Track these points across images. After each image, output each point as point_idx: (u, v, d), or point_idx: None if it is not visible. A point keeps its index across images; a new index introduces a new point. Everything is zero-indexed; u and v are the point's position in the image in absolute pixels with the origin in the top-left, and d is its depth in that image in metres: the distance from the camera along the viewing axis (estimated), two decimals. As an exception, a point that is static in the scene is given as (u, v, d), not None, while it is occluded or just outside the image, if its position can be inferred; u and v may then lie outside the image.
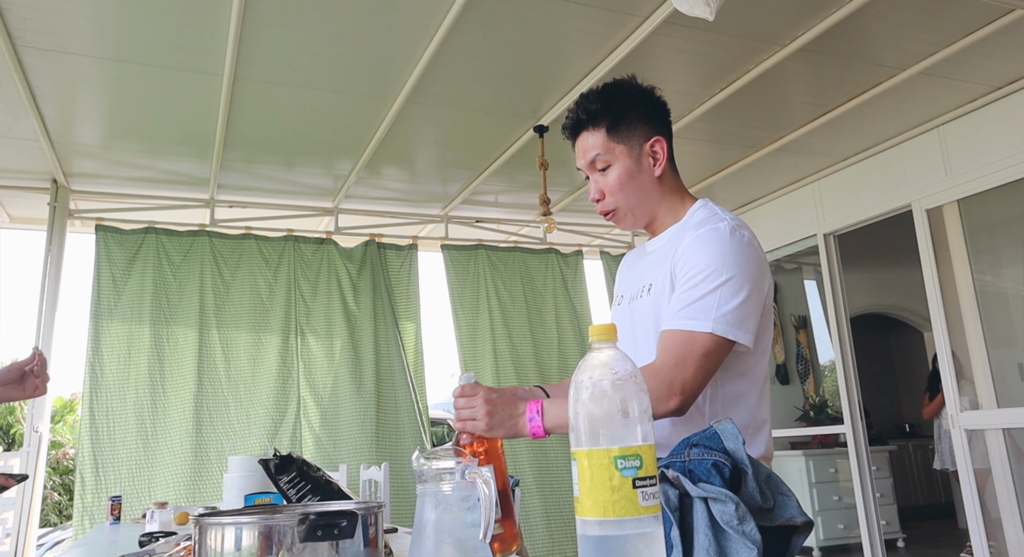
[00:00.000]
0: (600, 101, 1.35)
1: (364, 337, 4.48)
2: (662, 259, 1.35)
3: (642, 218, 1.40)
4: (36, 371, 1.84)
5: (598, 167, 1.36)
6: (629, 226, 1.42)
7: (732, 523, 0.90)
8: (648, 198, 1.37)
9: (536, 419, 1.19)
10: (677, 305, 1.23)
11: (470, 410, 1.18)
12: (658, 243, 1.41)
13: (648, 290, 1.34)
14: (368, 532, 0.89)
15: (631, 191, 1.36)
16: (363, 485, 3.19)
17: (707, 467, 0.99)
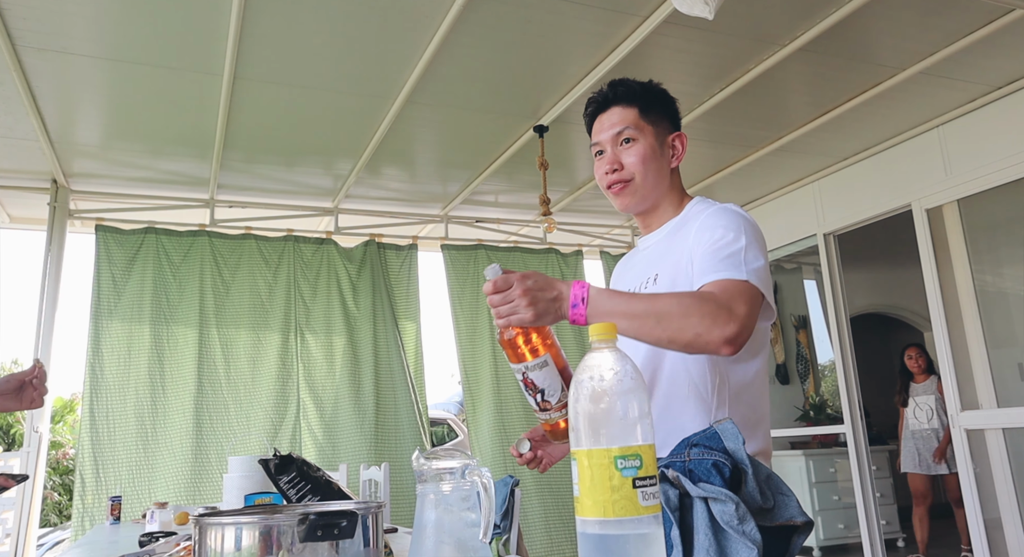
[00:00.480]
0: (636, 85, 1.40)
1: (364, 338, 4.48)
2: (665, 250, 1.36)
3: (648, 199, 1.40)
4: (35, 384, 1.83)
5: (622, 139, 1.37)
6: (631, 204, 1.41)
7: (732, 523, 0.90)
8: (660, 183, 1.39)
9: (580, 307, 1.09)
10: (707, 262, 1.22)
11: (509, 305, 1.08)
12: (655, 237, 1.43)
13: (654, 280, 1.34)
14: (368, 532, 0.89)
15: (650, 169, 1.37)
16: (363, 485, 3.19)
17: (707, 467, 0.99)
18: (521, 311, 1.07)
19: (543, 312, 1.08)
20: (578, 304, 1.09)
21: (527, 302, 1.07)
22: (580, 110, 3.78)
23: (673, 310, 1.11)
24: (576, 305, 1.09)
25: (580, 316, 1.09)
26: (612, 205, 1.47)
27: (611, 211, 5.08)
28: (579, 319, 1.10)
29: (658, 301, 1.13)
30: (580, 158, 4.18)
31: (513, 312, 1.08)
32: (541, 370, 1.08)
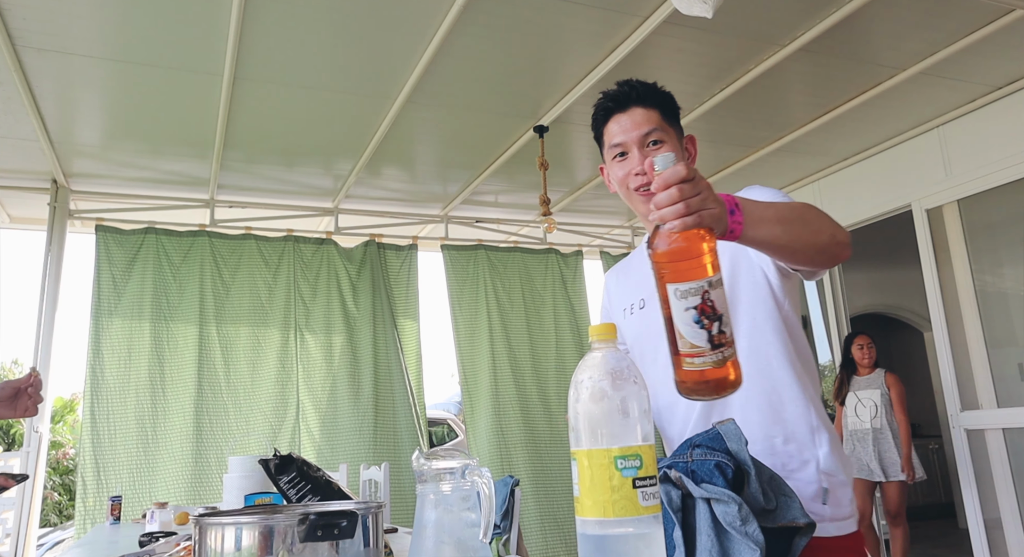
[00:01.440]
0: (654, 88, 1.37)
1: (363, 338, 4.48)
2: None
3: None
4: (31, 392, 1.82)
5: (650, 140, 1.33)
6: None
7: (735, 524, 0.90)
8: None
9: (737, 213, 0.94)
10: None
11: (699, 196, 0.86)
12: None
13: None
14: (368, 532, 0.89)
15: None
16: (363, 485, 3.19)
17: (710, 468, 0.99)
18: (711, 204, 0.87)
19: (724, 213, 0.91)
20: (735, 210, 0.94)
21: (714, 194, 0.89)
22: (580, 110, 3.78)
23: (807, 213, 1.07)
24: (733, 211, 0.93)
25: (738, 224, 0.94)
26: (614, 206, 1.44)
27: (611, 211, 5.08)
28: (736, 228, 0.94)
29: (793, 207, 1.07)
30: (580, 158, 4.18)
31: (704, 205, 0.86)
32: (720, 288, 0.86)
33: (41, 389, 1.85)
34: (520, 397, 4.70)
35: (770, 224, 0.99)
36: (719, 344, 0.85)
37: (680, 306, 0.85)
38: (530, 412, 4.69)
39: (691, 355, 0.86)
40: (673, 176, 0.85)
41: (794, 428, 1.22)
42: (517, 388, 4.70)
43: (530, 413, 4.69)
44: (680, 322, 0.86)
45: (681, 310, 0.85)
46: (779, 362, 1.25)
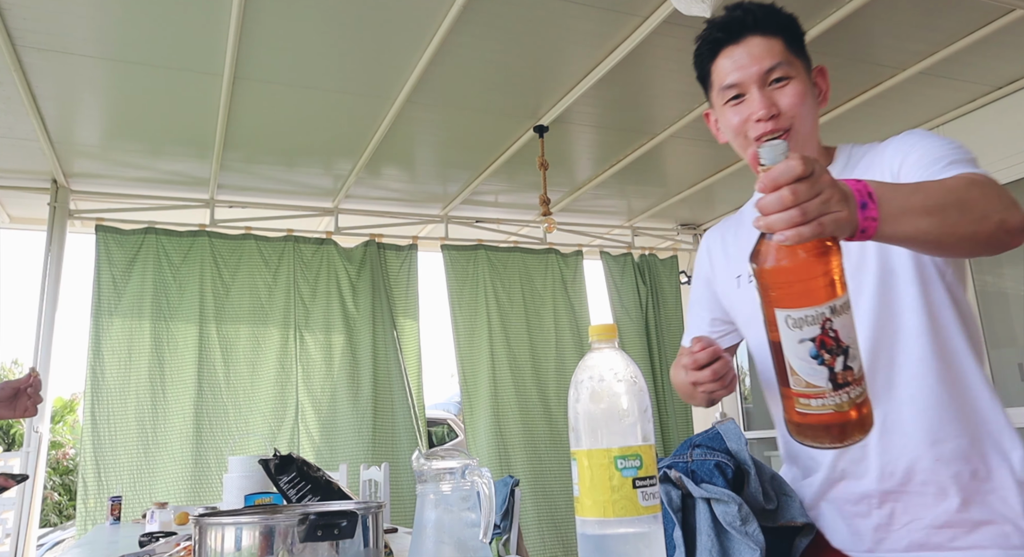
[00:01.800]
0: (773, 9, 1.17)
1: (363, 340, 4.47)
2: None
3: (807, 150, 1.13)
4: (30, 393, 1.83)
5: (773, 78, 1.10)
6: None
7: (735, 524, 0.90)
8: (814, 130, 1.13)
9: (870, 207, 0.74)
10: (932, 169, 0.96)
11: (819, 199, 0.68)
12: None
13: None
14: (368, 532, 0.89)
15: (808, 113, 1.11)
16: (363, 485, 3.19)
17: (710, 468, 0.99)
18: (835, 207, 0.69)
19: (852, 213, 0.72)
20: (867, 203, 0.73)
21: (840, 194, 0.70)
22: (580, 110, 3.78)
23: (970, 193, 0.84)
24: (865, 204, 0.73)
25: (871, 221, 0.73)
26: (614, 206, 1.38)
27: (611, 211, 5.07)
28: (869, 227, 0.74)
29: (949, 187, 0.85)
30: (580, 158, 4.18)
31: (826, 210, 0.68)
32: (846, 313, 0.69)
33: (40, 389, 1.86)
34: (519, 398, 4.69)
35: (915, 216, 0.78)
36: (844, 383, 0.69)
37: (792, 337, 0.69)
38: (529, 413, 4.69)
39: (806, 395, 0.70)
40: (785, 174, 0.67)
41: (984, 429, 1.02)
42: (516, 389, 4.70)
43: (529, 414, 4.69)
44: (793, 356, 0.69)
45: (794, 342, 0.69)
46: (958, 346, 1.03)
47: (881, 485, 1.02)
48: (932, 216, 0.79)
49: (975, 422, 1.02)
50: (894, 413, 1.00)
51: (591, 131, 3.80)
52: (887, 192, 0.77)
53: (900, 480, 1.01)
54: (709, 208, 5.18)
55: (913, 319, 1.01)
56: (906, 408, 1.00)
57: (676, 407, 5.13)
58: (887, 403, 1.01)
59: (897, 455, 1.02)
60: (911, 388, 1.01)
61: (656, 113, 3.60)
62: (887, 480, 1.02)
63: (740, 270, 1.19)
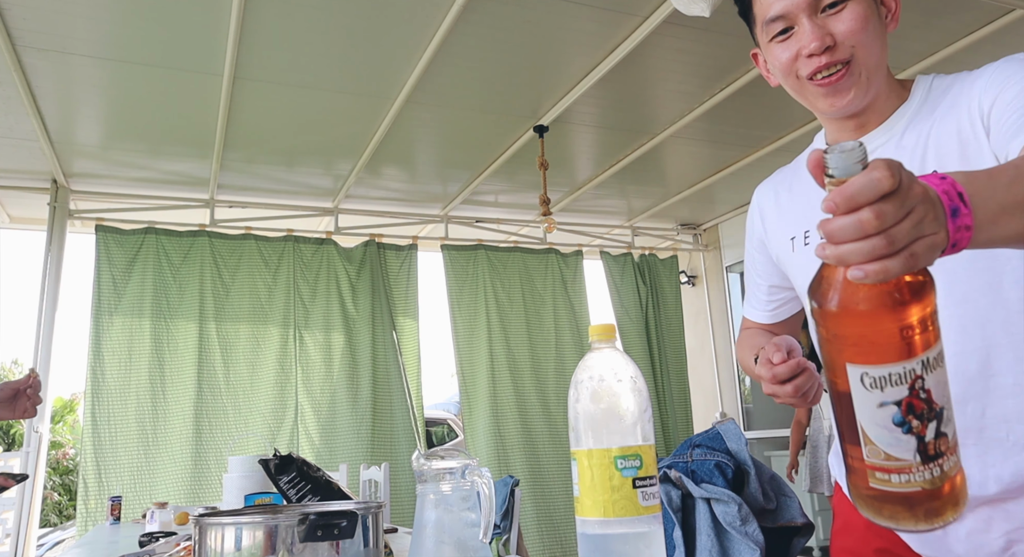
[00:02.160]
0: None
1: (362, 340, 4.48)
2: (914, 147, 0.92)
3: (873, 84, 0.95)
4: (29, 394, 1.83)
5: (826, 3, 0.93)
6: (856, 97, 0.94)
7: (735, 524, 0.90)
8: (882, 60, 0.96)
9: (963, 213, 0.55)
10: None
11: (911, 220, 0.51)
12: (879, 138, 0.96)
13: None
14: (368, 532, 0.89)
15: (872, 40, 0.94)
16: (363, 485, 3.19)
17: (710, 468, 0.98)
18: (929, 228, 0.52)
19: (946, 229, 0.54)
20: (958, 208, 0.55)
21: (934, 215, 0.52)
22: (581, 110, 3.78)
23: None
24: (956, 210, 0.55)
25: (964, 231, 0.55)
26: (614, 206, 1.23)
27: (611, 211, 5.07)
28: (962, 239, 0.55)
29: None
30: (580, 158, 4.18)
31: (919, 234, 0.51)
32: (939, 368, 0.54)
33: (40, 390, 1.85)
34: (518, 398, 4.69)
35: (1017, 214, 0.59)
36: (936, 454, 0.53)
37: (870, 399, 0.53)
38: (528, 413, 4.69)
39: (885, 469, 0.54)
40: (867, 190, 0.49)
41: None
42: (515, 389, 4.70)
43: (528, 414, 4.69)
44: (869, 421, 0.54)
45: (871, 405, 0.53)
46: None
47: (980, 491, 0.84)
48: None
49: None
50: (994, 407, 0.84)
51: (591, 131, 3.80)
52: (982, 187, 0.58)
53: (1005, 487, 0.84)
54: (709, 208, 5.18)
55: (1016, 291, 0.82)
56: (1010, 401, 0.83)
57: (676, 407, 5.13)
58: (984, 397, 0.84)
59: (1001, 457, 0.84)
60: (1015, 375, 0.83)
61: (656, 113, 3.60)
62: (988, 487, 0.85)
63: (795, 231, 1.04)
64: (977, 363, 0.85)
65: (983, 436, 0.85)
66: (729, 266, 5.42)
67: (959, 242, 0.55)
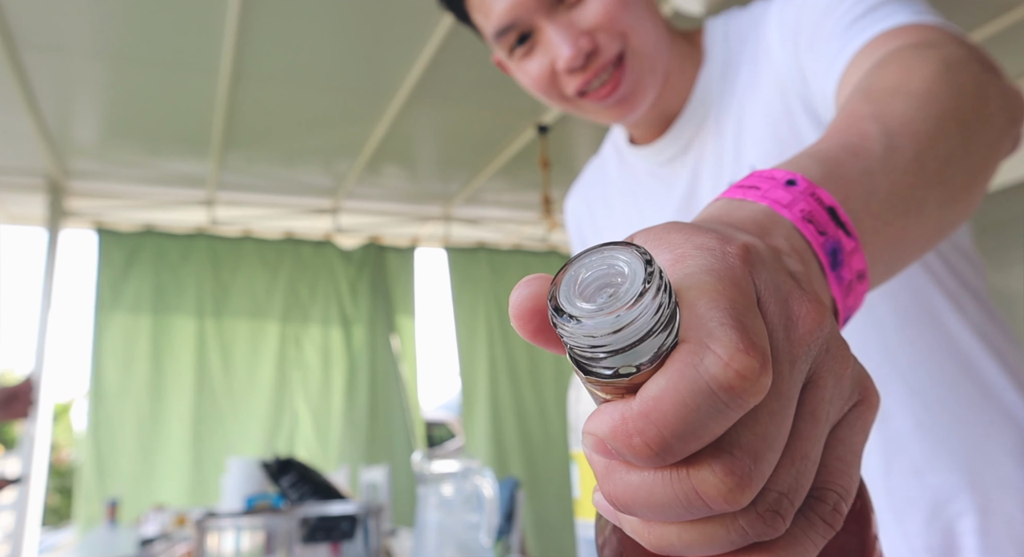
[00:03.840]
0: None
1: (361, 343, 4.46)
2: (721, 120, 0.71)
3: (661, 72, 0.72)
4: (24, 397, 1.81)
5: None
6: (643, 99, 0.72)
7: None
8: (659, 29, 0.72)
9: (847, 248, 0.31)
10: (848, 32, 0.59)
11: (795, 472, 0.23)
12: (687, 129, 0.74)
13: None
14: (368, 534, 0.88)
15: (639, 10, 0.69)
16: (363, 487, 3.17)
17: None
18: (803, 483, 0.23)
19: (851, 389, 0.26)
20: (840, 242, 0.31)
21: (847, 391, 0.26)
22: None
23: (946, 110, 0.43)
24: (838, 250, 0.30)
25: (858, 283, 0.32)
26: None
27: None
28: (857, 300, 0.32)
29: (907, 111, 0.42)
30: (583, 157, 4.16)
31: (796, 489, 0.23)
32: None
33: (34, 393, 1.85)
34: (516, 400, 4.69)
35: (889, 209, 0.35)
36: None
37: None
38: (526, 416, 4.68)
39: None
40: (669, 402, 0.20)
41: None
42: (514, 391, 4.69)
43: (526, 417, 4.68)
44: None
45: None
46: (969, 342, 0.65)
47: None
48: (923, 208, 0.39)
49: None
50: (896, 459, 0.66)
51: (593, 130, 3.79)
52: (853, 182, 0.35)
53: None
54: (710, 208, 5.18)
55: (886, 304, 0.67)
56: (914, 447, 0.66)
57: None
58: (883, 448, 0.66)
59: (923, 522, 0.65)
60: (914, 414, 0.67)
61: (658, 112, 3.60)
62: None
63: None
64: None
65: (893, 497, 0.65)
66: (730, 267, 5.41)
67: (853, 307, 0.33)
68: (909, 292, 0.66)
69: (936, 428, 0.64)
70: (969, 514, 0.62)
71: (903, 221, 0.37)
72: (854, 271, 0.31)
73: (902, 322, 0.65)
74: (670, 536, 0.22)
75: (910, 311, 0.65)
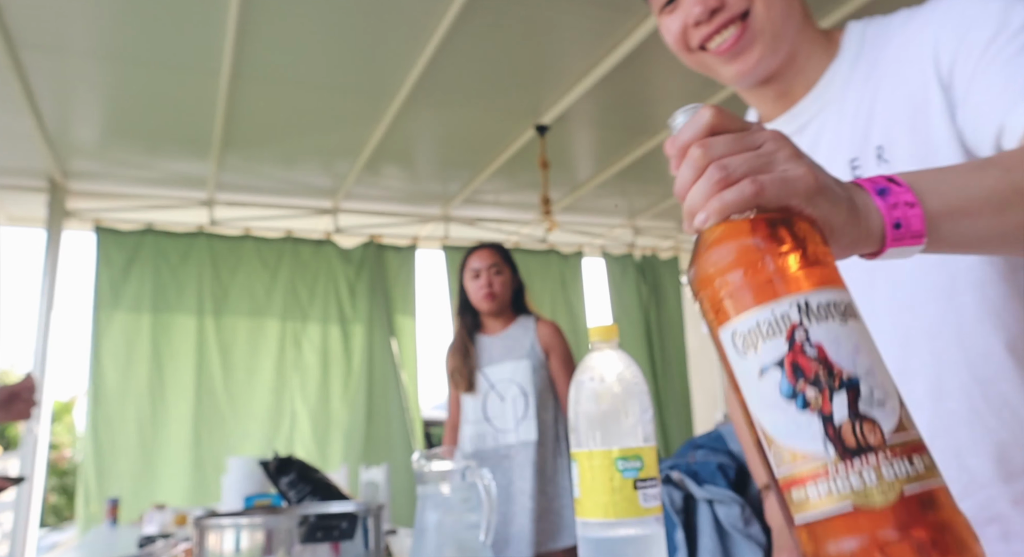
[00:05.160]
0: None
1: (360, 343, 4.47)
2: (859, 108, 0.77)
3: (783, 39, 0.80)
4: (25, 397, 1.82)
5: None
6: (760, 58, 0.80)
7: (737, 525, 0.89)
8: (791, 11, 0.80)
9: (900, 190, 0.50)
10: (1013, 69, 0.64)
11: (753, 152, 0.47)
12: (814, 105, 0.82)
13: (879, 157, 0.74)
14: (368, 533, 0.88)
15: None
16: (363, 486, 3.18)
17: (712, 469, 0.98)
18: (782, 163, 0.47)
19: (824, 182, 0.47)
20: (888, 187, 0.50)
21: (790, 152, 0.48)
22: (581, 109, 3.78)
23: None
24: (886, 190, 0.49)
25: (906, 208, 0.49)
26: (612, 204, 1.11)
27: (612, 211, 5.07)
28: (906, 215, 0.49)
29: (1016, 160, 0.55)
30: (581, 157, 4.17)
31: (767, 166, 0.46)
32: (844, 322, 0.42)
33: (35, 393, 1.85)
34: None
35: (969, 216, 0.51)
36: (861, 448, 0.38)
37: (748, 370, 0.42)
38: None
39: (797, 480, 0.40)
40: (688, 127, 0.48)
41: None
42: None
43: None
44: (758, 405, 0.42)
45: (753, 378, 0.42)
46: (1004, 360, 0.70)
47: None
48: (997, 215, 0.51)
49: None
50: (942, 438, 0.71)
51: (592, 130, 3.80)
52: (930, 179, 0.51)
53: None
54: (709, 208, 5.18)
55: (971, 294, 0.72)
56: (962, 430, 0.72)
57: (677, 408, 5.12)
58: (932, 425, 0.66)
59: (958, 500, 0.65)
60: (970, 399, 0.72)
61: (657, 112, 3.60)
62: None
63: None
64: (924, 383, 0.71)
65: None
66: (729, 266, 5.42)
67: (904, 220, 0.47)
68: (997, 290, 0.70)
69: (989, 417, 0.69)
70: (1001, 500, 0.67)
71: (975, 221, 0.51)
72: (899, 200, 0.49)
73: (983, 315, 0.70)
74: (690, 198, 0.46)
75: (995, 306, 0.70)
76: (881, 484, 0.36)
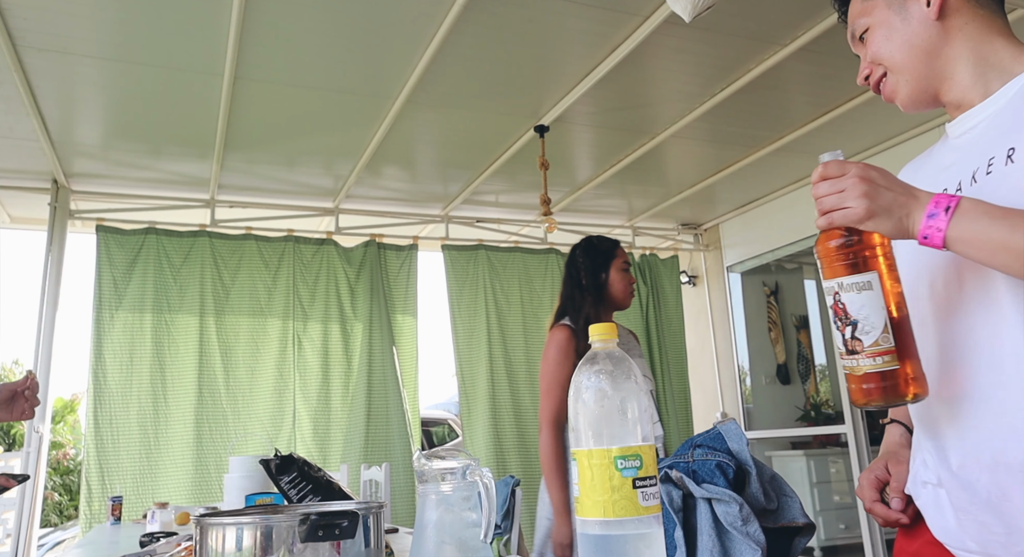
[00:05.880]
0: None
1: (360, 343, 4.47)
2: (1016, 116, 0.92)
3: (914, 81, 1.03)
4: (27, 395, 1.82)
5: (859, 35, 1.09)
6: (906, 99, 1.06)
7: (736, 524, 0.90)
8: (918, 53, 1.01)
9: (940, 217, 0.78)
10: None
11: (836, 195, 0.82)
12: (984, 111, 0.98)
13: (1008, 158, 0.89)
14: (369, 532, 0.89)
15: (897, 47, 1.02)
16: (363, 485, 3.19)
17: (711, 468, 0.98)
18: (850, 202, 0.81)
19: (879, 209, 0.80)
20: (938, 213, 0.79)
21: (860, 192, 0.80)
22: (581, 110, 3.78)
23: None
24: (935, 214, 0.79)
25: (937, 232, 0.78)
26: (615, 206, 1.30)
27: (612, 211, 5.08)
28: (934, 236, 0.79)
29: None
30: (581, 158, 4.18)
31: (840, 204, 0.82)
32: (859, 293, 0.82)
33: (38, 392, 1.85)
34: (515, 399, 4.70)
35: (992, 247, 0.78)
36: (852, 350, 0.84)
37: (828, 301, 0.87)
38: (525, 414, 4.69)
39: (842, 355, 0.86)
40: (814, 176, 0.85)
41: None
42: (512, 391, 4.70)
43: (525, 415, 4.69)
44: (831, 317, 0.88)
45: (828, 306, 0.88)
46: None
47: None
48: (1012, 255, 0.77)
49: None
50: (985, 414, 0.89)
51: (591, 131, 3.80)
52: (975, 212, 0.78)
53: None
54: (710, 208, 5.18)
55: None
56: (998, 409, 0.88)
57: (676, 407, 5.13)
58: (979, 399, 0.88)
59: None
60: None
61: (657, 113, 3.60)
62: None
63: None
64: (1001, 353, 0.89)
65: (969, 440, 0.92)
66: (730, 266, 5.42)
67: (931, 236, 0.80)
68: None
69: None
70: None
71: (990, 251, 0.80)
72: (935, 225, 0.80)
73: None
74: (825, 204, 0.85)
75: None
76: (860, 366, 0.85)
